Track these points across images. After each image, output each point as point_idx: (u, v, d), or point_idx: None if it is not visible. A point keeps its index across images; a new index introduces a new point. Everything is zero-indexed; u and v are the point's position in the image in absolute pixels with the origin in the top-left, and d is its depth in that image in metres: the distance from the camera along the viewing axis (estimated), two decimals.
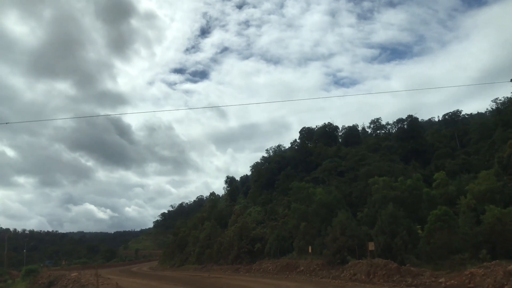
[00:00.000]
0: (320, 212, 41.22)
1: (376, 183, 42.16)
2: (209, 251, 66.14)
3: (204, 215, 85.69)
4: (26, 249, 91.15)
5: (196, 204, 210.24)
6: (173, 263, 78.41)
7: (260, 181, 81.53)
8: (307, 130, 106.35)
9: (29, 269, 54.69)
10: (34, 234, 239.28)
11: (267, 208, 65.85)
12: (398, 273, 28.24)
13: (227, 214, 75.91)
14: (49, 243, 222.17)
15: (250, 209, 70.30)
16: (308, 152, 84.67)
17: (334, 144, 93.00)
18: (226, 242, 61.62)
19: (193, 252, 72.14)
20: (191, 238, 75.11)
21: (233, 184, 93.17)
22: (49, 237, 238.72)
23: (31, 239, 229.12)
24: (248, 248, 56.32)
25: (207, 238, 68.33)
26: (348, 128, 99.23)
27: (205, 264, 65.73)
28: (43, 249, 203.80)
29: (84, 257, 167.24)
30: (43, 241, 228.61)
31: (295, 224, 44.45)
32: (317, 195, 41.92)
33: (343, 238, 37.06)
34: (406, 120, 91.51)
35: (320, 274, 36.11)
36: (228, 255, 60.12)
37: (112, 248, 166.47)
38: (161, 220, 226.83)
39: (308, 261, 39.11)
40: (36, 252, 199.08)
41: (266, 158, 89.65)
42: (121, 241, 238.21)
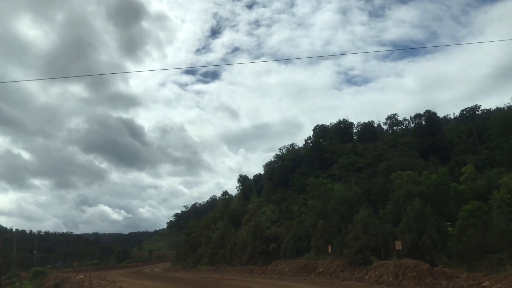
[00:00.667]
0: (340, 209, 38.32)
1: (399, 177, 39.16)
2: (222, 251, 63.58)
3: (217, 214, 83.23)
4: (36, 250, 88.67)
5: (209, 204, 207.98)
6: (186, 264, 76.02)
7: (273, 179, 78.75)
8: (321, 127, 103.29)
9: (36, 271, 52.82)
10: (49, 235, 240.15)
11: (281, 206, 63.11)
12: (430, 275, 25.31)
13: (240, 213, 73.35)
14: (64, 244, 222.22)
15: (264, 208, 67.62)
16: (322, 149, 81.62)
17: (349, 141, 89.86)
18: (239, 242, 59.01)
19: (205, 253, 69.64)
20: (204, 238, 72.65)
21: (246, 183, 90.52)
22: (64, 239, 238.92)
23: (47, 241, 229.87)
24: (263, 248, 53.60)
25: (220, 238, 65.78)
26: (364, 124, 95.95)
27: (218, 265, 63.19)
28: (58, 251, 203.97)
29: (98, 258, 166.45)
30: (58, 242, 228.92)
31: (312, 222, 41.61)
32: (336, 191, 39.03)
33: (365, 237, 34.18)
34: (424, 116, 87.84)
35: (341, 276, 33.23)
36: (242, 255, 57.48)
37: (125, 249, 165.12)
38: (175, 220, 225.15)
39: (328, 262, 36.25)
40: (51, 253, 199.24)
41: (280, 156, 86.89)
42: (135, 242, 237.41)
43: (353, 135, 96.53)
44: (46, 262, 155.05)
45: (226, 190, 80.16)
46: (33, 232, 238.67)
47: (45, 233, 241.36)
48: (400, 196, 37.47)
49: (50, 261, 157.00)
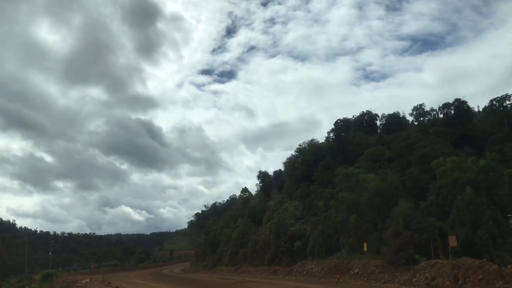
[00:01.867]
0: (375, 201, 33.27)
1: (441, 164, 33.82)
2: (243, 250, 59.03)
3: (236, 212, 78.75)
4: (52, 252, 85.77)
5: (229, 203, 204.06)
6: (205, 264, 71.71)
7: (295, 174, 73.84)
8: (343, 121, 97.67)
9: (46, 273, 49.21)
10: (73, 236, 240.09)
11: (305, 202, 58.15)
12: (500, 278, 20.11)
13: (261, 210, 68.69)
14: (87, 245, 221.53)
15: (286, 204, 62.76)
16: (346, 142, 76.29)
17: (373, 133, 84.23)
18: (261, 241, 54.40)
19: (225, 252, 65.20)
20: (223, 237, 68.23)
21: (266, 180, 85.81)
22: (87, 240, 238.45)
23: (70, 242, 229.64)
24: (287, 246, 48.86)
25: (240, 237, 61.21)
26: (389, 116, 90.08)
27: (239, 265, 58.68)
28: (81, 251, 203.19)
29: (119, 258, 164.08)
30: (81, 243, 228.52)
31: (343, 218, 36.55)
32: (370, 181, 33.95)
33: (407, 232, 29.10)
34: (453, 105, 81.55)
35: (381, 277, 28.20)
36: (264, 255, 52.83)
37: (146, 249, 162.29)
38: (195, 220, 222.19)
39: (364, 262, 31.23)
40: (74, 255, 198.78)
41: (301, 149, 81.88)
42: (157, 242, 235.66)
43: (377, 127, 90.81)
44: (67, 263, 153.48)
45: (245, 187, 75.63)
46: (56, 234, 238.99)
47: (68, 234, 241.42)
48: (444, 185, 32.20)
49: (73, 262, 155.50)
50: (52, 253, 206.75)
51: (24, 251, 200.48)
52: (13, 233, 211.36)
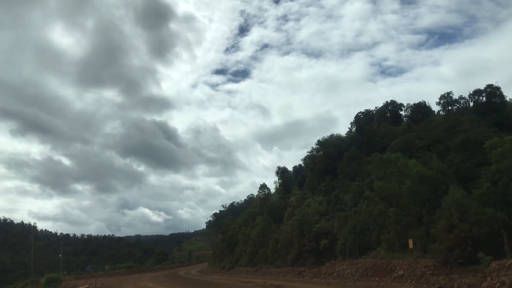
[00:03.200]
0: (419, 191, 27.79)
1: (497, 146, 28.12)
2: (263, 250, 54.00)
3: (255, 210, 73.77)
4: (62, 254, 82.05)
5: (247, 203, 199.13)
6: (223, 265, 66.95)
7: (317, 168, 68.48)
8: (364, 113, 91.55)
9: (50, 277, 45.05)
10: (92, 238, 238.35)
11: (330, 197, 52.78)
12: None
13: (281, 207, 63.50)
14: (106, 247, 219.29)
15: (309, 199, 57.44)
16: (370, 133, 70.56)
17: (399, 124, 78.25)
18: (283, 239, 49.26)
19: (244, 252, 60.29)
20: (242, 236, 63.32)
21: (285, 175, 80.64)
22: (106, 241, 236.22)
23: (90, 244, 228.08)
24: (312, 245, 43.56)
25: (260, 236, 56.19)
26: (415, 105, 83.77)
27: (259, 266, 53.71)
28: (100, 253, 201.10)
29: (138, 259, 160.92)
30: (101, 245, 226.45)
31: (381, 210, 31.11)
32: (412, 168, 28.51)
33: (463, 226, 23.61)
34: (484, 91, 74.96)
35: (434, 281, 22.79)
36: (286, 254, 47.70)
37: (164, 250, 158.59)
38: (213, 220, 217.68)
39: (410, 261, 25.80)
40: (94, 256, 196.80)
41: (322, 143, 76.42)
42: (176, 243, 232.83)
43: (402, 118, 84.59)
44: (83, 265, 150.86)
45: (264, 183, 70.57)
46: (76, 236, 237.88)
47: (88, 236, 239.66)
48: (503, 170, 26.55)
49: (92, 264, 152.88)
50: (72, 255, 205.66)
51: (45, 253, 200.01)
52: (34, 235, 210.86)
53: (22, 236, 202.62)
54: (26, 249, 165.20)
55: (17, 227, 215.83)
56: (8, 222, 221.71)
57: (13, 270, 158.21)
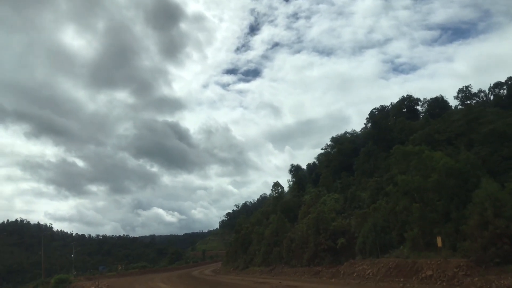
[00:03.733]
0: (447, 184, 25.52)
1: None
2: (277, 249, 51.98)
3: (268, 208, 71.80)
4: (74, 254, 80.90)
5: (260, 202, 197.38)
6: (237, 265, 65.08)
7: (332, 165, 66.20)
8: (379, 110, 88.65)
9: (59, 279, 43.64)
10: (107, 239, 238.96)
11: (346, 194, 50.56)
12: None
13: (295, 206, 61.45)
14: (121, 247, 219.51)
15: (324, 197, 55.31)
16: (386, 129, 68.02)
17: (416, 119, 75.47)
18: (298, 238, 47.19)
19: (258, 252, 58.37)
20: (255, 236, 61.39)
21: (298, 173, 78.45)
22: (121, 241, 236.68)
23: (105, 244, 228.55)
24: (328, 244, 41.43)
25: (274, 234, 54.19)
26: (431, 100, 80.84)
27: (274, 265, 51.67)
28: (115, 253, 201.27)
29: (152, 259, 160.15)
30: (116, 245, 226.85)
31: (405, 206, 28.83)
32: (438, 160, 26.21)
33: (499, 222, 21.37)
34: (505, 84, 71.93)
35: (469, 283, 20.52)
36: (301, 254, 45.62)
37: (178, 250, 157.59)
38: (227, 220, 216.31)
39: (439, 261, 23.54)
40: (109, 257, 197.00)
41: (337, 139, 74.01)
42: (190, 243, 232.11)
43: (419, 113, 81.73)
44: (100, 265, 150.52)
45: (277, 181, 68.53)
46: (92, 236, 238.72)
47: (103, 236, 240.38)
48: None
49: (108, 264, 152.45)
50: (87, 255, 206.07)
51: (60, 253, 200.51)
52: (46, 236, 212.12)
53: (38, 236, 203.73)
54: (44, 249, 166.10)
55: (33, 228, 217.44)
56: (25, 223, 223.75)
57: (29, 271, 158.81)
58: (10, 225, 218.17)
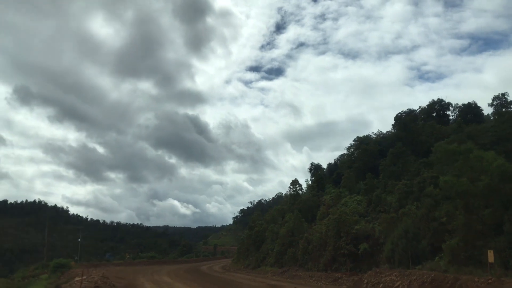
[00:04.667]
0: (501, 190, 21.55)
1: None
2: (292, 250, 48.46)
3: (285, 207, 68.14)
4: (80, 239, 78.62)
5: (275, 201, 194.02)
6: (248, 263, 61.79)
7: (355, 166, 62.17)
8: (406, 112, 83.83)
9: (58, 263, 40.98)
10: (121, 226, 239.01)
11: (370, 196, 46.59)
12: None
13: (314, 205, 57.72)
14: (134, 235, 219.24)
15: (346, 198, 51.48)
16: (414, 133, 63.63)
17: (446, 124, 70.75)
18: (315, 240, 43.62)
19: (271, 251, 54.96)
20: (269, 234, 58.04)
21: (318, 172, 74.62)
22: (134, 230, 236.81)
23: (118, 231, 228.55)
24: (349, 249, 37.77)
25: (289, 234, 50.70)
26: (464, 106, 75.87)
27: (287, 267, 48.15)
28: (128, 241, 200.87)
29: (163, 250, 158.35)
30: (129, 233, 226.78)
31: (448, 212, 24.88)
32: (490, 161, 22.27)
33: None
34: None
35: None
36: (318, 257, 42.06)
37: (189, 242, 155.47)
38: (241, 216, 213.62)
39: (490, 280, 19.56)
40: (121, 244, 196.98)
41: (362, 139, 69.78)
42: (203, 236, 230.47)
43: (449, 118, 76.81)
44: (112, 251, 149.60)
45: (295, 179, 64.92)
46: (106, 222, 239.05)
47: (117, 223, 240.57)
48: None
49: (120, 251, 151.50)
50: (100, 242, 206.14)
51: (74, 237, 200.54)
52: (66, 219, 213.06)
53: (54, 218, 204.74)
54: (58, 232, 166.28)
55: (50, 210, 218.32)
56: (42, 204, 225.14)
57: (42, 252, 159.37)
58: (28, 205, 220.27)
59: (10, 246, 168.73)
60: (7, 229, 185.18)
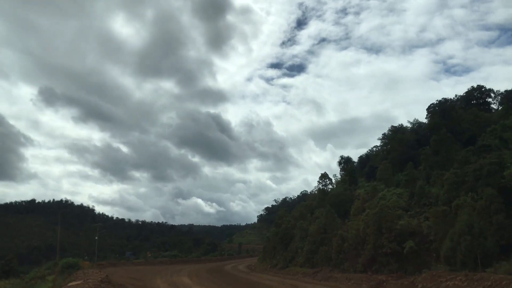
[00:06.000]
0: None
1: None
2: (324, 249, 43.59)
3: (313, 203, 63.18)
4: (98, 237, 75.51)
5: (300, 199, 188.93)
6: (275, 263, 57.19)
7: (391, 157, 56.62)
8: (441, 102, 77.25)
9: (66, 263, 37.41)
10: (146, 224, 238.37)
11: (413, 189, 41.24)
12: None
13: (346, 200, 52.57)
14: (159, 233, 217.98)
15: (383, 191, 46.22)
16: (454, 120, 57.69)
17: (487, 111, 64.40)
18: (351, 237, 38.61)
19: (301, 250, 50.19)
20: (298, 231, 53.28)
21: (349, 166, 69.24)
22: (159, 228, 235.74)
23: (143, 230, 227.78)
24: (393, 247, 32.68)
25: (321, 231, 45.80)
26: (507, 92, 69.15)
27: (319, 267, 43.30)
28: (152, 239, 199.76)
29: (188, 248, 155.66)
30: (154, 231, 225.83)
31: None
32: None
33: None
34: None
35: None
36: (356, 256, 37.14)
37: (213, 241, 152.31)
38: (265, 214, 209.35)
39: None
40: (146, 242, 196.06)
41: (398, 129, 63.97)
42: (227, 235, 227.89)
43: (490, 105, 70.15)
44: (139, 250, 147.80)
45: (325, 172, 59.83)
46: (131, 221, 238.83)
47: (142, 222, 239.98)
48: None
49: (144, 250, 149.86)
50: (126, 240, 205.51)
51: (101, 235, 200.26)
52: (92, 218, 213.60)
53: (80, 217, 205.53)
54: (84, 230, 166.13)
55: (76, 208, 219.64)
56: (69, 203, 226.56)
57: (69, 250, 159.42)
58: (55, 204, 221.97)
59: (38, 244, 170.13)
60: (34, 227, 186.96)
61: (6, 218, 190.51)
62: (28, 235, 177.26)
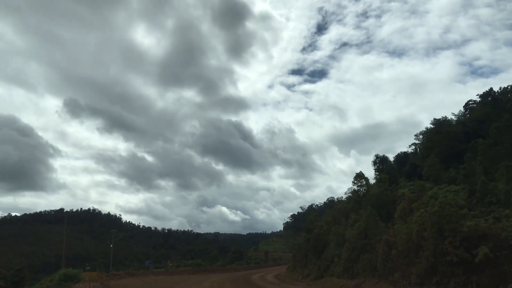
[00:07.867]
0: None
1: None
2: (367, 257, 36.88)
3: (348, 206, 56.22)
4: (112, 245, 70.21)
5: (327, 206, 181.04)
6: (307, 273, 50.57)
7: (436, 152, 49.18)
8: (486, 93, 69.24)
9: (64, 274, 32.00)
10: (172, 233, 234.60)
11: (473, 185, 34.21)
12: None
13: (388, 201, 45.60)
14: (185, 242, 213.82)
15: (434, 189, 39.24)
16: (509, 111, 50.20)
17: None
18: (400, 243, 31.84)
19: (337, 258, 43.41)
20: (333, 237, 46.56)
21: (385, 166, 62.08)
22: (185, 237, 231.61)
23: (169, 238, 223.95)
24: (460, 254, 25.81)
25: (362, 236, 39.10)
26: None
27: (361, 278, 36.67)
28: (178, 248, 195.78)
29: (213, 257, 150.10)
30: (180, 240, 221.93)
31: None
32: None
33: None
34: None
35: None
36: (408, 265, 30.40)
37: (239, 249, 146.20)
38: (291, 222, 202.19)
39: None
40: (172, 251, 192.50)
41: (442, 122, 56.59)
42: (253, 243, 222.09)
43: None
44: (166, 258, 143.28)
45: (360, 172, 52.97)
46: (157, 229, 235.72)
47: (168, 230, 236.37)
48: None
49: (170, 258, 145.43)
50: (152, 248, 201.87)
51: (127, 244, 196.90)
52: (119, 226, 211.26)
53: (107, 226, 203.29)
54: (111, 239, 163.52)
55: (103, 218, 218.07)
56: (96, 212, 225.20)
57: (95, 259, 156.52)
58: (83, 213, 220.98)
59: (65, 253, 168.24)
60: (62, 236, 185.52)
61: (36, 227, 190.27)
62: (57, 244, 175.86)
